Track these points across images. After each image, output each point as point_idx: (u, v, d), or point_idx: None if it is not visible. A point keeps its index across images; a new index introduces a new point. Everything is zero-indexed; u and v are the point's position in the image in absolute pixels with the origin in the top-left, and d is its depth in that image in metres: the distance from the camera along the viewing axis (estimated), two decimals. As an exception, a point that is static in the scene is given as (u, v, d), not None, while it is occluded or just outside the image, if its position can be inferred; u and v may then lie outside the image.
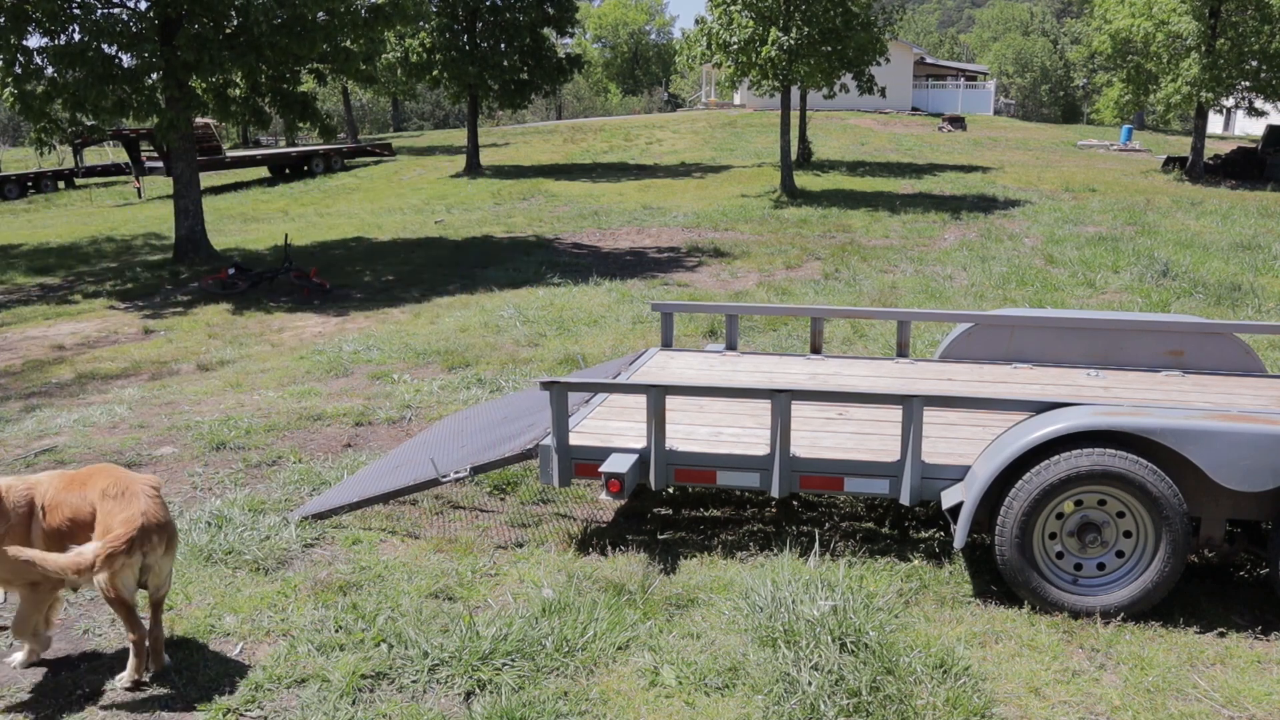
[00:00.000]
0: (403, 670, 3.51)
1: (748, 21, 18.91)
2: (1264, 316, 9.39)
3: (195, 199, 15.15)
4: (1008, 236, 15.02)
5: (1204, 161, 24.40)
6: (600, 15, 69.68)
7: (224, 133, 31.03)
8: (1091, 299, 10.36)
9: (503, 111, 38.23)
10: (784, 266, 12.88)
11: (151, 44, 13.33)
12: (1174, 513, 3.68)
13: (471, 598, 4.08)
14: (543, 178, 25.27)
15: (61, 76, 13.07)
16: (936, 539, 4.60)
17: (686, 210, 18.93)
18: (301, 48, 13.41)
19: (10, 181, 28.12)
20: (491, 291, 11.52)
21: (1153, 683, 3.40)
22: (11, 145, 49.84)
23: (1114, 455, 3.68)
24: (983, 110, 45.15)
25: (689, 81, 63.08)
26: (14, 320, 11.17)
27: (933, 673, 3.40)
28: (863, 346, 8.35)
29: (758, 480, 4.28)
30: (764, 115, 36.27)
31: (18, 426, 6.80)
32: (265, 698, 3.40)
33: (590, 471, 4.39)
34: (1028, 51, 67.10)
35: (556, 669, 3.52)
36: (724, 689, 3.39)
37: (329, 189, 26.02)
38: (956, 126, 36.13)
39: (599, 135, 35.63)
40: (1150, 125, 46.57)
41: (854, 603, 3.73)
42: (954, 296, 10.54)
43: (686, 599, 4.01)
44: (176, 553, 3.64)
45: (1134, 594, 3.77)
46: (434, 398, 7.16)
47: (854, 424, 4.73)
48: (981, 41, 75.55)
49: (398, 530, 4.84)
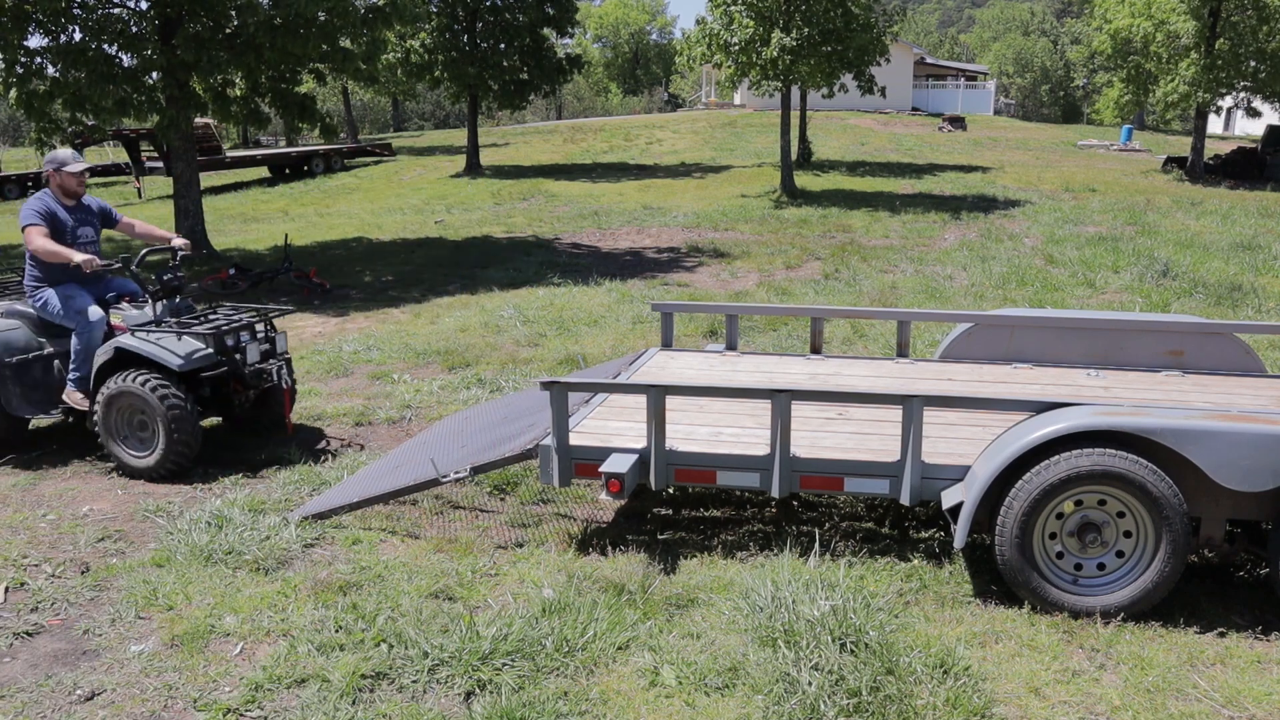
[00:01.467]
0: (403, 670, 3.51)
1: (748, 22, 18.91)
2: (1264, 316, 9.39)
3: (195, 199, 15.15)
4: (1008, 236, 15.02)
5: (1204, 161, 24.39)
6: (601, 15, 69.69)
7: (224, 133, 31.05)
8: (1091, 299, 10.36)
9: (503, 112, 38.23)
10: (784, 266, 12.88)
11: (151, 44, 13.32)
12: (1174, 513, 3.68)
13: (471, 598, 4.08)
14: (543, 178, 25.28)
15: (63, 76, 13.08)
16: (936, 539, 4.60)
17: (686, 210, 18.93)
18: (301, 48, 13.40)
19: (10, 181, 28.12)
20: (491, 291, 11.52)
21: (1153, 683, 3.40)
22: (11, 145, 49.84)
23: (1114, 455, 3.68)
24: (983, 110, 45.16)
25: (689, 81, 63.09)
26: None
27: (933, 673, 3.40)
28: (863, 346, 8.35)
29: (758, 480, 4.28)
30: (764, 115, 36.28)
31: (18, 426, 6.80)
32: (265, 698, 3.40)
33: (590, 471, 4.39)
34: (1028, 51, 67.13)
35: (556, 669, 3.52)
36: (724, 689, 3.39)
37: (329, 189, 26.03)
38: (956, 126, 36.14)
39: (599, 135, 35.64)
40: (1150, 125, 46.59)
41: (854, 603, 3.73)
42: (954, 296, 10.55)
43: (686, 599, 4.01)
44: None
45: (1134, 594, 3.77)
46: (434, 398, 7.16)
47: (854, 424, 4.73)
48: (981, 41, 75.57)
49: (398, 530, 4.85)
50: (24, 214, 5.67)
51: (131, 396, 5.46)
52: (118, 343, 5.56)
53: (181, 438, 5.47)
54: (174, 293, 5.96)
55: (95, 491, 5.49)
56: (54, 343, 5.90)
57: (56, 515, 5.13)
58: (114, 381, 5.49)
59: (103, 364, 5.59)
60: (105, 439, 5.60)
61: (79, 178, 5.82)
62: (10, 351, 5.72)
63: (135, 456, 5.59)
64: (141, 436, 5.59)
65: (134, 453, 5.60)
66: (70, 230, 5.81)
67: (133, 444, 5.61)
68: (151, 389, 5.42)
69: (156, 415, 5.44)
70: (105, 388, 5.50)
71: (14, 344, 5.76)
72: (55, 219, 5.74)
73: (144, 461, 5.57)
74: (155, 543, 4.73)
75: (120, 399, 5.49)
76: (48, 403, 5.86)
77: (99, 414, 5.56)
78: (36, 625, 3.96)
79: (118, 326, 5.74)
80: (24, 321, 5.90)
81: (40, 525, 5.00)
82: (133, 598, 4.13)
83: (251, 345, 5.86)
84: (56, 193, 5.82)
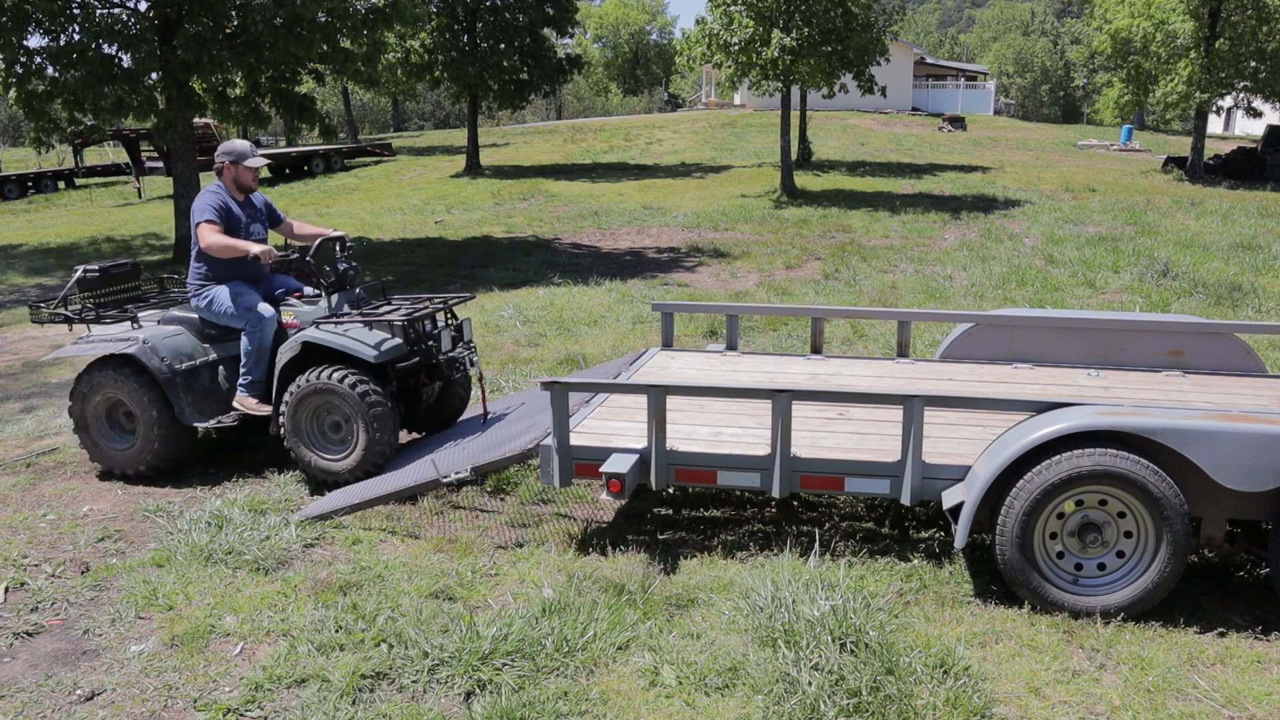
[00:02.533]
0: (403, 670, 3.51)
1: (748, 22, 18.90)
2: (1264, 316, 9.39)
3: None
4: (1008, 236, 15.02)
5: (1204, 161, 24.39)
6: (601, 15, 69.68)
7: (224, 133, 31.02)
8: (1091, 299, 10.36)
9: (503, 112, 38.22)
10: (784, 266, 12.88)
11: (151, 44, 13.32)
12: (1175, 513, 3.68)
13: (471, 598, 4.08)
14: (543, 178, 25.27)
15: (62, 76, 13.09)
16: (936, 539, 4.60)
17: (686, 210, 18.92)
18: (301, 48, 13.41)
19: (10, 181, 28.14)
20: (491, 291, 11.52)
21: (1153, 683, 3.40)
22: (11, 145, 49.85)
23: (1116, 455, 3.68)
24: (983, 110, 45.18)
25: (689, 82, 63.09)
26: (14, 320, 11.16)
27: (933, 673, 3.40)
28: (863, 346, 8.35)
29: (758, 480, 4.28)
30: (764, 115, 36.29)
31: (17, 427, 6.80)
32: (265, 698, 3.40)
33: (591, 472, 4.39)
34: (1028, 51, 67.14)
35: (556, 669, 3.52)
36: (724, 689, 3.39)
37: (329, 189, 26.02)
38: (956, 126, 36.15)
39: (599, 135, 35.64)
40: (1150, 125, 46.59)
41: (854, 603, 3.73)
42: (954, 296, 10.54)
43: (686, 599, 4.01)
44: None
45: (1134, 594, 3.77)
46: (434, 398, 7.15)
47: (854, 424, 4.73)
48: (981, 41, 75.58)
49: (398, 530, 4.84)
50: (198, 209, 5.37)
51: (326, 395, 5.12)
52: (305, 337, 5.22)
53: (383, 437, 5.13)
54: (348, 284, 5.63)
55: (95, 491, 5.49)
56: (216, 348, 5.63)
57: (56, 515, 5.13)
58: (305, 379, 5.14)
59: (286, 363, 5.28)
60: (293, 444, 5.27)
61: (255, 173, 5.56)
62: (179, 358, 5.41)
63: (330, 460, 5.25)
64: (335, 438, 5.26)
65: (327, 456, 5.26)
66: (244, 226, 5.55)
67: (325, 447, 5.28)
68: (350, 385, 5.07)
69: (356, 413, 5.09)
70: (294, 387, 5.16)
71: (182, 350, 5.46)
72: (230, 214, 5.46)
73: (340, 464, 5.22)
74: (155, 543, 4.73)
75: (312, 398, 5.15)
76: (218, 410, 5.53)
77: (286, 416, 5.22)
78: (36, 625, 3.96)
79: (290, 324, 5.46)
80: (185, 327, 5.62)
81: (40, 525, 5.00)
82: (133, 598, 4.13)
83: (444, 333, 5.55)
84: (229, 186, 5.53)
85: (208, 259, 5.46)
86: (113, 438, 5.59)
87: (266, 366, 5.46)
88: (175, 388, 5.35)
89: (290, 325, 5.47)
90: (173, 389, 5.33)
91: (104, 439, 5.58)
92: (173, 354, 5.39)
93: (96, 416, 5.55)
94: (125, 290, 6.14)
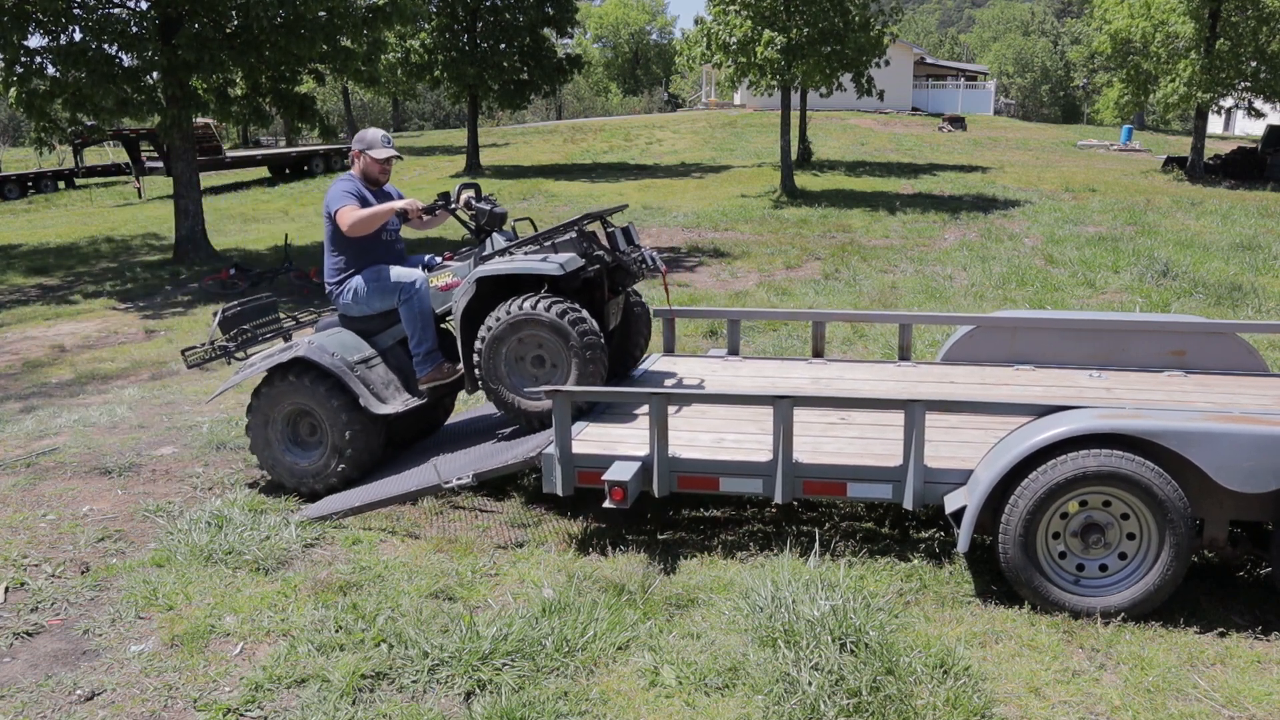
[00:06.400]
0: (403, 670, 3.51)
1: (744, 22, 18.89)
2: (1264, 316, 9.39)
3: (195, 199, 15.15)
4: (1008, 236, 15.02)
5: (1204, 161, 24.40)
6: (601, 15, 69.69)
7: (224, 133, 31.03)
8: (1092, 299, 10.36)
9: (503, 111, 38.23)
10: (784, 266, 12.88)
11: (152, 44, 13.33)
12: (1179, 515, 3.67)
13: (471, 598, 4.08)
14: (543, 178, 25.27)
15: (63, 76, 13.09)
16: (937, 539, 4.60)
17: (686, 210, 18.93)
18: (301, 47, 13.42)
19: (10, 181, 28.13)
20: (492, 291, 11.50)
21: (1153, 683, 3.39)
22: (11, 145, 49.84)
23: (1120, 457, 3.68)
24: (983, 110, 45.19)
25: (689, 82, 63.10)
26: (13, 320, 11.17)
27: (933, 673, 3.39)
28: (863, 347, 8.35)
29: (760, 486, 4.27)
30: (764, 115, 36.29)
31: (18, 426, 6.80)
32: (265, 698, 3.39)
33: (593, 479, 4.36)
34: (1028, 51, 67.15)
35: (556, 669, 3.51)
36: (724, 689, 3.39)
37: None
38: (956, 126, 36.16)
39: (599, 135, 35.64)
40: (1150, 125, 46.60)
41: (854, 603, 3.72)
42: (954, 297, 10.54)
43: (686, 599, 4.01)
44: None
45: (1136, 595, 3.77)
46: (434, 398, 7.15)
47: (856, 428, 4.71)
48: (981, 41, 75.59)
49: (398, 530, 4.84)
50: (332, 197, 5.18)
51: (527, 327, 4.69)
52: (478, 273, 4.88)
53: (595, 369, 4.70)
54: (500, 222, 5.29)
55: (95, 491, 5.49)
56: (378, 340, 5.42)
57: (56, 515, 5.13)
58: (495, 316, 4.74)
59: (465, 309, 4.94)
60: (494, 386, 4.88)
61: (383, 165, 5.36)
62: (347, 350, 5.22)
63: (537, 399, 4.84)
64: (537, 374, 4.85)
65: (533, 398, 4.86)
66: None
67: (527, 384, 4.87)
68: (548, 308, 4.64)
69: (566, 342, 4.66)
70: (484, 330, 4.78)
71: (347, 344, 5.28)
72: (365, 203, 5.24)
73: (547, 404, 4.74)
74: (155, 543, 4.73)
75: (512, 332, 4.72)
76: (403, 394, 5.31)
77: (480, 361, 4.84)
78: (36, 625, 3.96)
79: (449, 285, 5.22)
80: (342, 327, 5.46)
81: (40, 525, 4.99)
82: (133, 598, 4.12)
83: (617, 232, 5.18)
84: (360, 177, 5.37)
85: (344, 249, 5.28)
86: (297, 453, 5.38)
87: (434, 331, 5.26)
88: (353, 378, 5.15)
89: (450, 285, 5.23)
90: (351, 379, 5.14)
91: (289, 454, 5.37)
92: (340, 347, 5.22)
93: (280, 433, 5.35)
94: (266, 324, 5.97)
